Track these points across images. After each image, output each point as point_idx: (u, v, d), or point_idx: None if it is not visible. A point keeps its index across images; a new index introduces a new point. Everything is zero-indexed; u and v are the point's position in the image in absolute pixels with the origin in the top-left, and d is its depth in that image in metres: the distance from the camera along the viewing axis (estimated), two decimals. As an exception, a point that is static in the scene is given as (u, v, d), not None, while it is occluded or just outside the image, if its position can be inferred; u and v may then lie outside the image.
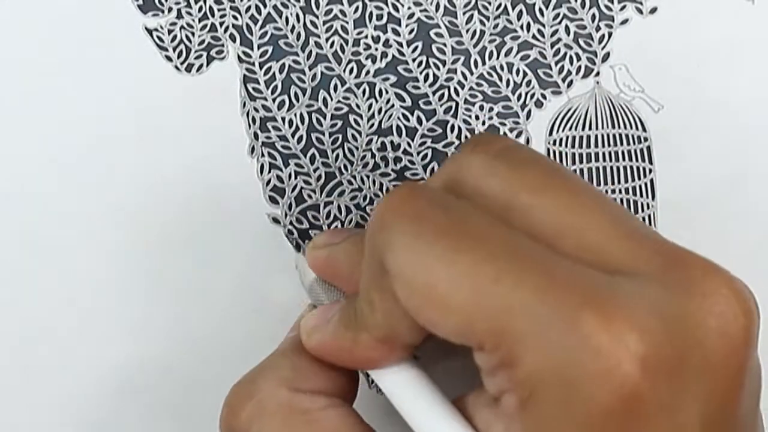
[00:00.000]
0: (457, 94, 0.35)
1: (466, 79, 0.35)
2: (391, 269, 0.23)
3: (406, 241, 0.22)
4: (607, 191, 0.35)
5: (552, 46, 0.35)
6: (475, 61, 0.35)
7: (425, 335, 0.24)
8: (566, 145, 0.35)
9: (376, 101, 0.35)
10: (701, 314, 0.22)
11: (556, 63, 0.35)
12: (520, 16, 0.35)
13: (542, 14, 0.35)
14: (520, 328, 0.21)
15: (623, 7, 0.35)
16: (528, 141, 0.35)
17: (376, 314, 0.24)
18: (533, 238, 0.23)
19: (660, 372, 0.21)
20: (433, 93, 0.35)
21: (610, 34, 0.35)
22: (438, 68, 0.35)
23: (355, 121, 0.34)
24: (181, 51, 0.34)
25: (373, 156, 0.34)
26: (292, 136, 0.34)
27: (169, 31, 0.35)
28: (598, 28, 0.35)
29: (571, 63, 0.35)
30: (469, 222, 0.23)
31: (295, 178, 0.34)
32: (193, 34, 0.35)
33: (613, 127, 0.35)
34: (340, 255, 0.29)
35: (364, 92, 0.35)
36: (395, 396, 0.26)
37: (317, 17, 0.35)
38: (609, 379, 0.20)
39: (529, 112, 0.35)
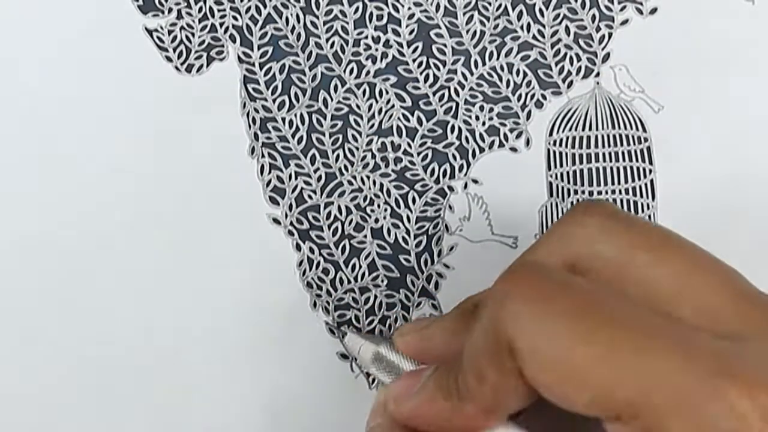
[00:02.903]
0: (458, 94, 0.35)
1: (466, 79, 0.35)
2: (521, 349, 0.23)
3: (536, 323, 0.23)
4: (607, 192, 0.35)
5: (552, 46, 0.35)
6: (476, 62, 0.35)
7: (529, 404, 0.25)
8: (566, 146, 0.35)
9: (377, 102, 0.35)
10: None
11: (557, 63, 0.35)
12: (520, 16, 0.35)
13: (542, 15, 0.35)
14: (664, 399, 0.22)
15: (623, 8, 0.35)
16: (528, 141, 0.35)
17: (485, 387, 0.25)
18: (650, 302, 0.24)
19: None
20: (434, 93, 0.35)
21: (610, 35, 0.35)
22: (438, 69, 0.35)
23: (356, 121, 0.34)
24: (181, 51, 0.34)
25: (373, 156, 0.34)
26: (293, 136, 0.34)
27: (169, 32, 0.34)
28: (598, 29, 0.35)
29: (572, 63, 0.35)
30: (595, 300, 0.24)
31: (296, 178, 0.34)
32: (193, 34, 0.35)
33: (613, 127, 0.35)
34: (435, 333, 0.30)
35: (364, 93, 0.35)
36: None
37: (317, 18, 0.35)
38: None
39: (530, 112, 0.35)
